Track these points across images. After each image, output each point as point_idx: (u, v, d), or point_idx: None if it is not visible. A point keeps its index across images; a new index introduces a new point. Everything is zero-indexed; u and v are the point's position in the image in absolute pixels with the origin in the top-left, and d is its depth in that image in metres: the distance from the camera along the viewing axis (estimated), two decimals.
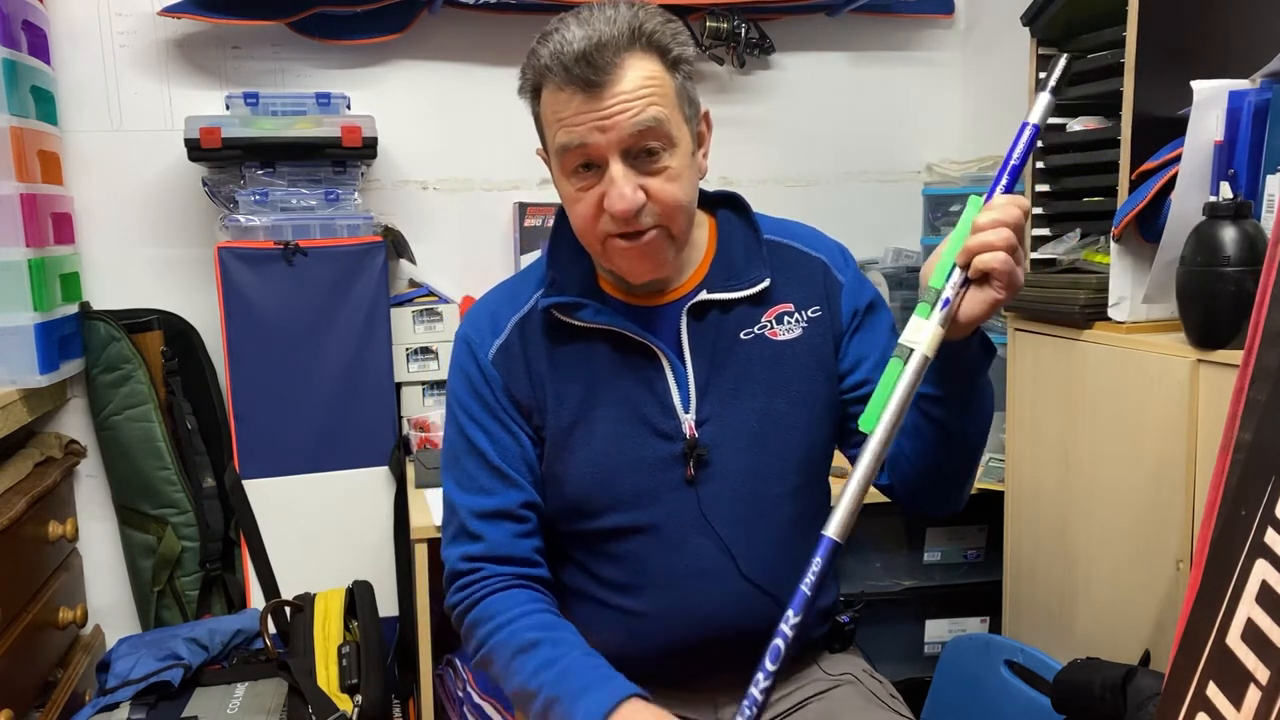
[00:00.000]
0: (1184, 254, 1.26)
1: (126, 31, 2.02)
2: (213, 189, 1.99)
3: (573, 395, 1.12)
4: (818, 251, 1.19)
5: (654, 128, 1.01)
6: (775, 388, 1.13)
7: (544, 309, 1.13)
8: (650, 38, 1.02)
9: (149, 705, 1.60)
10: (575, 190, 1.05)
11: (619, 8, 1.03)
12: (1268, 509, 0.77)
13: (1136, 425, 1.37)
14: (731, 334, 1.13)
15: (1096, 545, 1.47)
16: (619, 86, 0.99)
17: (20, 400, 1.74)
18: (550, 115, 1.04)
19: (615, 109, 0.99)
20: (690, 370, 1.12)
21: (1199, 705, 0.79)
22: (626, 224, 1.03)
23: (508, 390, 1.13)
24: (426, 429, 2.04)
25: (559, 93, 1.01)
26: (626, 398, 1.12)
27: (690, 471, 1.11)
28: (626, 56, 1.00)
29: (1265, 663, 0.73)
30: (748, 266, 1.15)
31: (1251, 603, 0.76)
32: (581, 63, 0.98)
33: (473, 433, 1.14)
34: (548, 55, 1.01)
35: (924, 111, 2.42)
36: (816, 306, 1.16)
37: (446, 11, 2.10)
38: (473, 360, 1.15)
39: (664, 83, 1.03)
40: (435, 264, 2.20)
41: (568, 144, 1.02)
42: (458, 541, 1.13)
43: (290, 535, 1.98)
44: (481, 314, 1.19)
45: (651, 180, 1.03)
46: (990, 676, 1.58)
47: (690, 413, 1.11)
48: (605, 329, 1.11)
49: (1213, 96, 1.28)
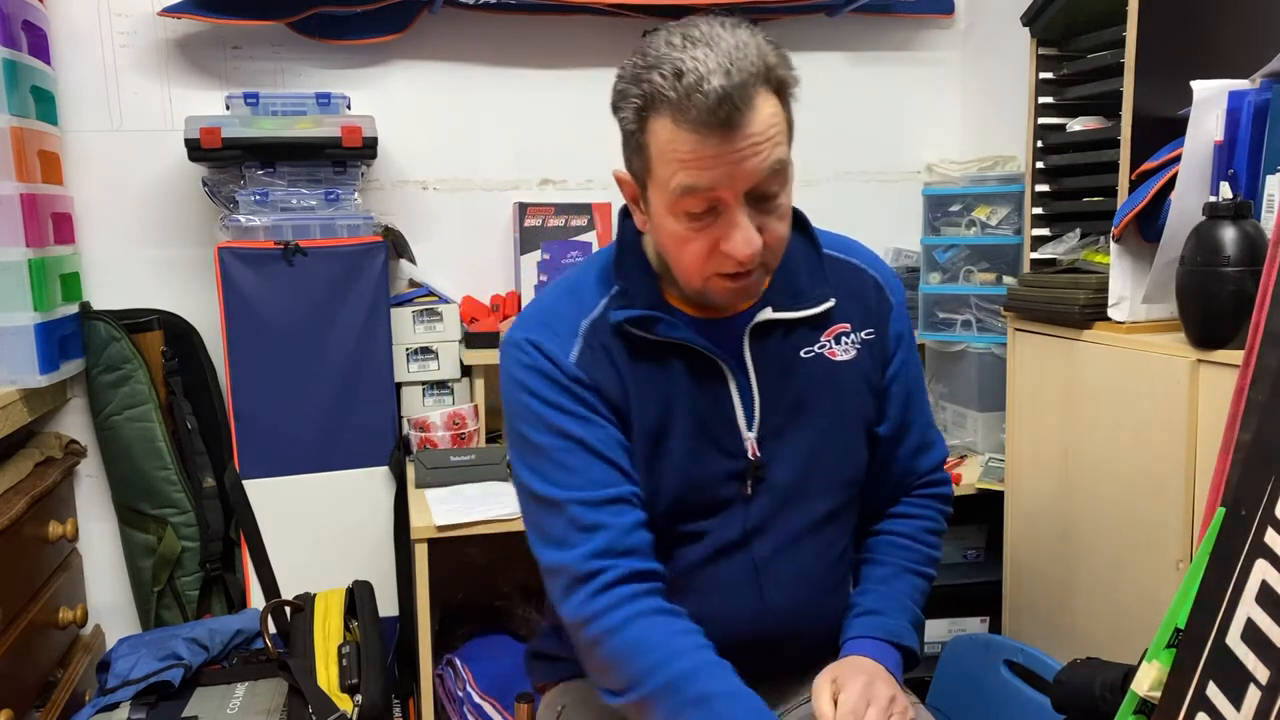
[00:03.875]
0: (1184, 254, 1.26)
1: (126, 31, 2.02)
2: (213, 189, 1.99)
3: (651, 410, 1.09)
4: (873, 269, 1.19)
5: (779, 170, 0.98)
6: (830, 408, 1.13)
7: (616, 322, 1.08)
8: (776, 73, 0.97)
9: (149, 705, 1.60)
10: (687, 230, 0.99)
11: (738, 33, 0.96)
12: (1268, 509, 0.77)
13: (1136, 425, 1.37)
14: (792, 352, 1.12)
15: (1096, 545, 1.47)
16: (751, 129, 0.94)
17: (20, 400, 1.74)
18: (669, 151, 0.96)
19: (746, 152, 0.94)
20: (755, 388, 1.11)
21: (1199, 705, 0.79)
22: (741, 266, 1.00)
23: (598, 389, 1.08)
24: (426, 429, 2.04)
25: (688, 132, 0.94)
26: (696, 414, 1.10)
27: (748, 490, 1.11)
28: (758, 95, 0.94)
29: (1265, 663, 0.73)
30: (811, 285, 1.13)
31: (1251, 603, 0.76)
32: (725, 104, 0.91)
33: (567, 425, 1.05)
34: (677, 87, 0.92)
35: (924, 111, 2.42)
36: (870, 329, 1.16)
37: (446, 11, 2.10)
38: (549, 360, 1.07)
39: (782, 120, 0.98)
40: (435, 264, 2.20)
41: (694, 187, 0.96)
42: (570, 541, 1.03)
43: (290, 535, 1.98)
44: (543, 318, 1.11)
45: (766, 220, 1.00)
46: (990, 676, 1.58)
47: (753, 430, 1.11)
48: (677, 343, 1.09)
49: (1213, 96, 1.28)
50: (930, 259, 2.08)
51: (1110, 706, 1.15)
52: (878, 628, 1.13)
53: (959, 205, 2.05)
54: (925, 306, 2.09)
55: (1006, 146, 2.19)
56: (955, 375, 2.11)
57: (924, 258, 2.09)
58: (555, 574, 1.04)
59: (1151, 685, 0.88)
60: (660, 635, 0.99)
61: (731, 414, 1.11)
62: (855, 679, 1.03)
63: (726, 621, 1.11)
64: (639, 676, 0.98)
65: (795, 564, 1.14)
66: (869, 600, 1.16)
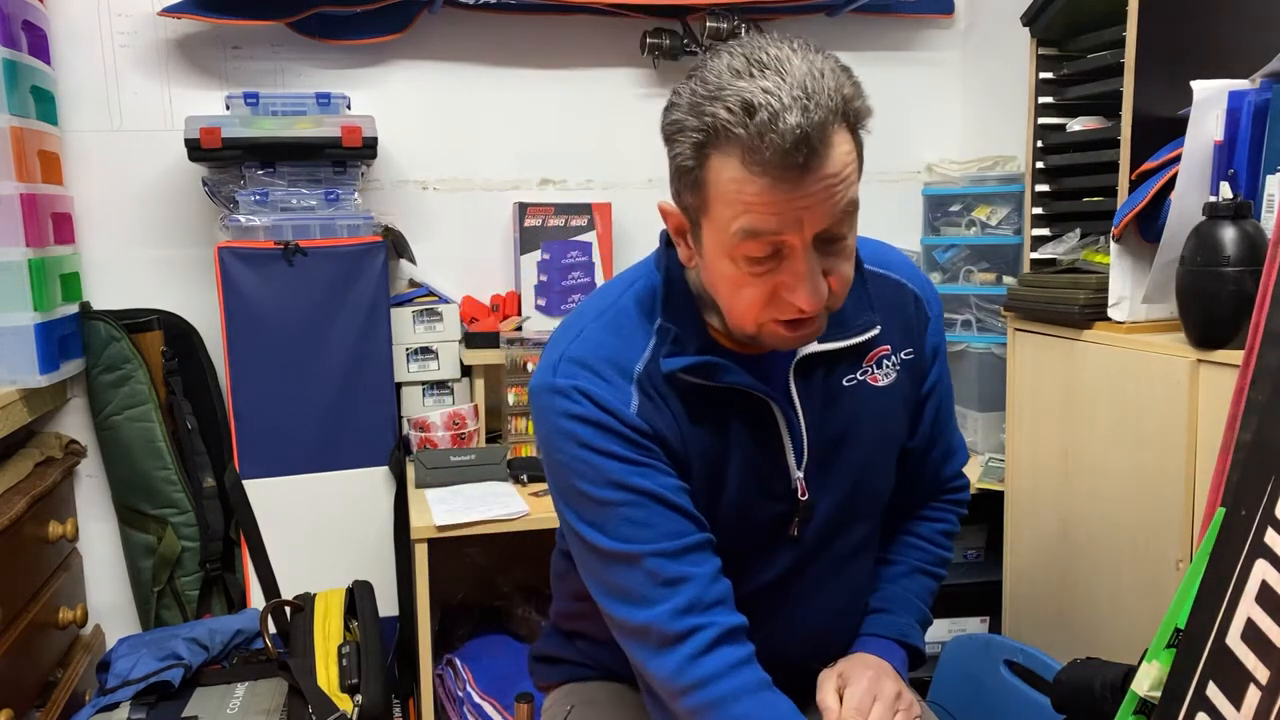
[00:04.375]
0: (1184, 254, 1.26)
1: (126, 31, 2.02)
2: (213, 189, 1.99)
3: (708, 453, 1.03)
4: (912, 283, 1.14)
5: (850, 213, 0.89)
6: (871, 435, 1.09)
7: (670, 371, 1.00)
8: (853, 106, 0.87)
9: (149, 705, 1.60)
10: (745, 275, 0.90)
11: (810, 57, 0.86)
12: (1268, 509, 0.77)
13: (1136, 425, 1.37)
14: (836, 384, 1.07)
15: (1096, 545, 1.47)
16: (826, 170, 0.85)
17: (20, 400, 1.74)
18: (733, 193, 0.86)
19: (820, 195, 0.85)
20: (803, 425, 1.05)
21: (1199, 705, 0.79)
22: (803, 313, 0.91)
23: (662, 440, 1.00)
24: (426, 429, 2.04)
25: (758, 175, 0.84)
26: (748, 458, 1.04)
27: (795, 531, 1.07)
28: (836, 133, 0.85)
29: (1265, 663, 0.73)
30: (856, 313, 1.06)
31: (1251, 603, 0.76)
32: (803, 147, 0.82)
33: (634, 479, 0.98)
34: (748, 125, 0.82)
35: (924, 111, 2.42)
36: (910, 349, 1.12)
37: (446, 11, 2.10)
38: (604, 411, 0.98)
39: (855, 157, 0.89)
40: (435, 264, 2.20)
41: (759, 231, 0.87)
42: (653, 598, 0.96)
43: (290, 535, 1.98)
44: (589, 361, 1.01)
45: (833, 262, 0.91)
46: (990, 676, 1.58)
47: (801, 470, 1.05)
48: (731, 387, 1.02)
49: (1213, 96, 1.28)
50: (930, 259, 2.08)
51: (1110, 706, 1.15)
52: (885, 626, 1.13)
53: (959, 205, 2.05)
54: None
55: (1006, 146, 2.19)
56: (955, 375, 2.11)
57: (924, 258, 2.09)
58: (641, 634, 0.97)
59: (1151, 685, 0.88)
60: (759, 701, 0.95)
61: (782, 455, 1.05)
62: (861, 675, 1.03)
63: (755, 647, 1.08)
64: None
65: (829, 594, 1.12)
66: (878, 598, 1.16)
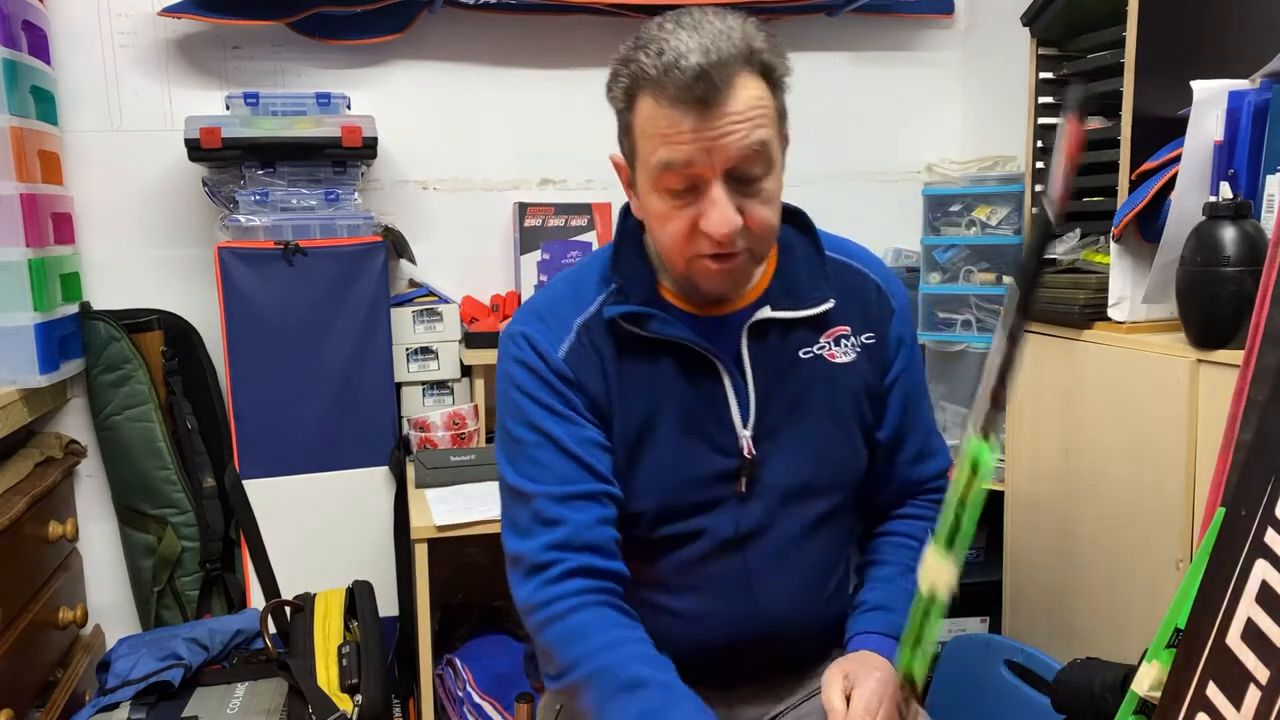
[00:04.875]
0: (1184, 254, 1.26)
1: (126, 31, 2.02)
2: (213, 189, 1.99)
3: (638, 408, 1.09)
4: (874, 273, 1.19)
5: (759, 151, 0.98)
6: (829, 409, 1.13)
7: (610, 318, 1.09)
8: (760, 56, 0.98)
9: (149, 705, 1.60)
10: (668, 208, 1.01)
11: (727, 19, 0.98)
12: (1268, 509, 0.77)
13: (1136, 425, 1.37)
14: (791, 353, 1.12)
15: (1096, 545, 1.47)
16: (730, 107, 0.95)
17: (20, 400, 1.74)
18: (650, 129, 0.99)
19: (725, 130, 0.95)
20: (750, 386, 1.10)
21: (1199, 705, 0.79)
22: (720, 246, 1.00)
23: (582, 387, 1.09)
24: (426, 429, 2.04)
25: (667, 108, 0.96)
26: (689, 412, 1.10)
27: (742, 487, 1.10)
28: (739, 75, 0.96)
29: (1265, 663, 0.73)
30: (811, 286, 1.13)
31: (1251, 603, 0.76)
32: (701, 81, 0.93)
33: (544, 421, 1.07)
34: (657, 65, 0.95)
35: (924, 111, 2.42)
36: (871, 334, 1.16)
37: (446, 11, 2.10)
38: (538, 356, 1.09)
39: (768, 104, 0.99)
40: (435, 264, 2.20)
41: (671, 162, 0.97)
42: (533, 532, 1.05)
43: (290, 535, 1.98)
44: (542, 312, 1.13)
45: (748, 202, 1.00)
46: (990, 676, 1.58)
47: (748, 429, 1.10)
48: (671, 340, 1.09)
49: (1213, 96, 1.28)
50: (930, 259, 2.08)
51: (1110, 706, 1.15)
52: (887, 624, 1.13)
53: (959, 205, 2.05)
54: (925, 306, 2.09)
55: (1006, 146, 2.19)
56: (955, 375, 2.11)
57: (924, 258, 2.09)
58: (515, 562, 1.06)
59: (1151, 685, 0.88)
60: (600, 625, 1.00)
61: (726, 411, 1.10)
62: (869, 676, 1.02)
63: (719, 622, 1.11)
64: (575, 661, 0.99)
65: (790, 567, 1.13)
66: (876, 596, 1.16)
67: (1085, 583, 1.50)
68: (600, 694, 0.96)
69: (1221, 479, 0.88)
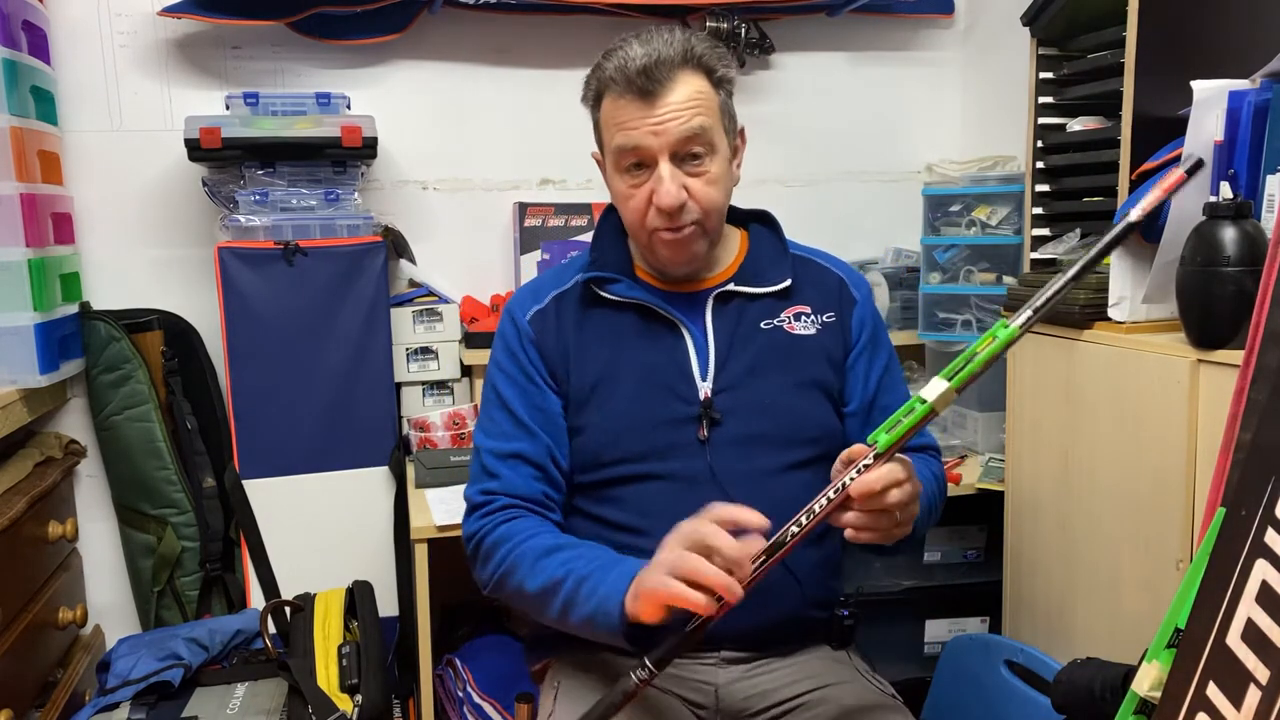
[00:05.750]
0: (1184, 254, 1.26)
1: (126, 31, 2.02)
2: (213, 189, 1.99)
3: (598, 358, 1.24)
4: (837, 270, 1.33)
5: (699, 135, 1.15)
6: (788, 371, 1.23)
7: (583, 282, 1.26)
8: (700, 59, 1.17)
9: (149, 705, 1.60)
10: (628, 187, 1.19)
11: (674, 32, 1.17)
12: (1268, 509, 0.77)
13: (1136, 425, 1.37)
14: (752, 322, 1.25)
15: (1096, 545, 1.47)
16: (671, 97, 1.14)
17: (20, 400, 1.74)
18: (610, 120, 1.19)
19: (667, 116, 1.14)
20: (711, 344, 1.24)
21: (1199, 705, 0.79)
22: (670, 218, 1.17)
23: (538, 345, 1.25)
24: (426, 429, 2.04)
25: (619, 100, 1.16)
26: (648, 363, 1.23)
27: (703, 432, 1.20)
28: (679, 72, 1.15)
29: (1265, 663, 0.73)
30: (772, 269, 1.28)
31: (1251, 603, 0.76)
32: (642, 75, 1.13)
33: (502, 386, 1.26)
34: (612, 68, 1.16)
35: (924, 111, 2.42)
36: (831, 313, 1.28)
37: (446, 11, 2.10)
38: (511, 322, 1.27)
39: (709, 97, 1.17)
40: (435, 264, 2.20)
41: (624, 145, 1.16)
42: (477, 480, 1.24)
43: (290, 535, 1.98)
44: (526, 289, 1.32)
45: (693, 181, 1.17)
46: (990, 676, 1.58)
47: (708, 381, 1.22)
48: (636, 303, 1.24)
49: (1213, 96, 1.27)
50: (930, 259, 2.08)
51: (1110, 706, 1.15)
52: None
53: (959, 205, 2.05)
54: (925, 306, 2.09)
55: (1006, 146, 2.19)
56: None
57: (924, 258, 2.09)
58: (464, 503, 1.25)
59: (1151, 685, 0.88)
60: (520, 527, 1.17)
61: (687, 365, 1.23)
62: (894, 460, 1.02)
63: None
64: (501, 557, 1.16)
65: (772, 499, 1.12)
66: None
67: (1085, 583, 1.50)
68: (525, 566, 1.13)
69: (1221, 479, 0.87)
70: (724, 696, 1.20)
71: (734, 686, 1.20)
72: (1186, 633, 0.83)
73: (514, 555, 1.15)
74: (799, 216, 2.39)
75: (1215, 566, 0.81)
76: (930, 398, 0.96)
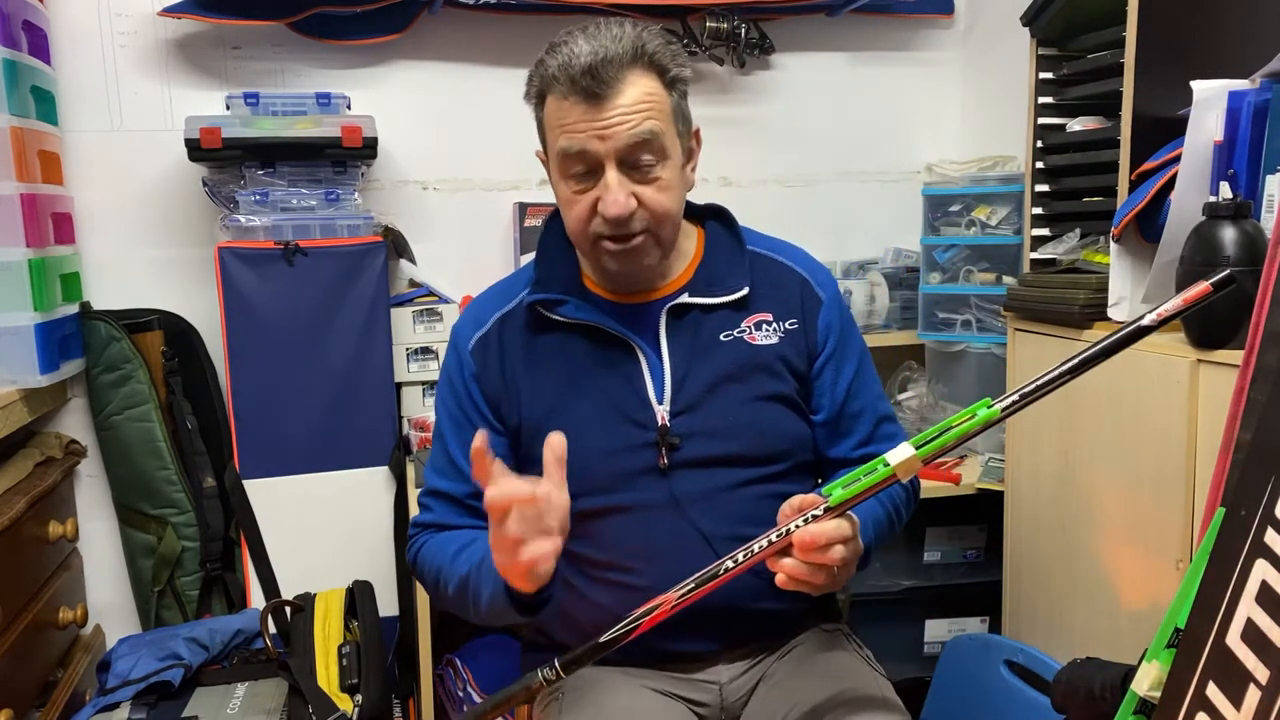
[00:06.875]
0: (1184, 254, 1.26)
1: (126, 31, 2.02)
2: (213, 189, 1.99)
3: (549, 386, 1.18)
4: (799, 267, 1.25)
5: (649, 140, 1.08)
6: (750, 385, 1.18)
7: (527, 305, 1.19)
8: (651, 57, 1.09)
9: (149, 705, 1.60)
10: (571, 193, 1.11)
11: (624, 26, 1.10)
12: (1268, 509, 0.77)
13: (1136, 425, 1.37)
14: (711, 335, 1.19)
15: (1096, 545, 1.47)
16: (620, 100, 1.06)
17: (20, 400, 1.74)
18: (553, 121, 1.11)
19: (615, 120, 1.06)
20: (667, 365, 1.17)
21: (1199, 705, 0.79)
22: (618, 227, 1.10)
23: (479, 380, 1.20)
24: (426, 429, 2.04)
25: (563, 101, 1.08)
26: (602, 389, 1.17)
27: (664, 460, 1.15)
28: (628, 73, 1.07)
29: (1265, 663, 0.73)
30: (729, 275, 1.21)
31: (1251, 603, 0.76)
32: (587, 76, 1.05)
33: (442, 420, 1.23)
34: (555, 66, 1.08)
35: (924, 111, 2.42)
36: (794, 320, 1.22)
37: (446, 11, 2.10)
38: (455, 352, 1.22)
39: (661, 99, 1.10)
40: (435, 264, 2.20)
41: (568, 149, 1.09)
42: (420, 507, 1.25)
43: (290, 535, 1.98)
44: (471, 310, 1.26)
45: (644, 189, 1.09)
46: (990, 676, 1.58)
47: (665, 404, 1.16)
48: (585, 324, 1.17)
49: (1213, 96, 1.27)
50: (930, 259, 2.08)
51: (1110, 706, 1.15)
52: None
53: (959, 205, 2.05)
54: (925, 306, 2.09)
55: (1006, 146, 2.19)
56: (955, 375, 2.11)
57: (924, 258, 2.09)
58: None
59: (1151, 685, 0.88)
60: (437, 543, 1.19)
61: (643, 389, 1.17)
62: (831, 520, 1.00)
63: None
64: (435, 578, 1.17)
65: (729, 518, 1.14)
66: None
67: (1085, 583, 1.50)
68: (447, 578, 1.13)
69: (1221, 479, 0.88)
70: (728, 695, 1.20)
71: (735, 684, 1.20)
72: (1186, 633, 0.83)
73: (439, 561, 1.16)
74: (799, 216, 2.41)
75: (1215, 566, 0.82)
76: (893, 462, 0.94)
